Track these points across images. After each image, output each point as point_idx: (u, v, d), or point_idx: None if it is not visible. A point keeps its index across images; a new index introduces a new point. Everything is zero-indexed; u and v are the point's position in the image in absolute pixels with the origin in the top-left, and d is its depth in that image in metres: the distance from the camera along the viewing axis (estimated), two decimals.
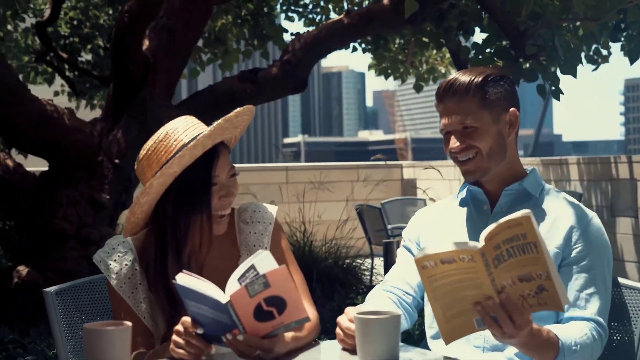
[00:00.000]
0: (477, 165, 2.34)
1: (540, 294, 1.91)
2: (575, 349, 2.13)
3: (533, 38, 5.23)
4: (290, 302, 1.93)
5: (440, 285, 1.92)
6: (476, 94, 2.31)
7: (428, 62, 9.11)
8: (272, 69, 6.54)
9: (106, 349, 1.89)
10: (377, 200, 9.83)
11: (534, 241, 1.87)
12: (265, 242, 2.37)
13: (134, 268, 2.30)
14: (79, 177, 5.99)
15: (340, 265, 7.10)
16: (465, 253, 1.88)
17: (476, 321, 1.96)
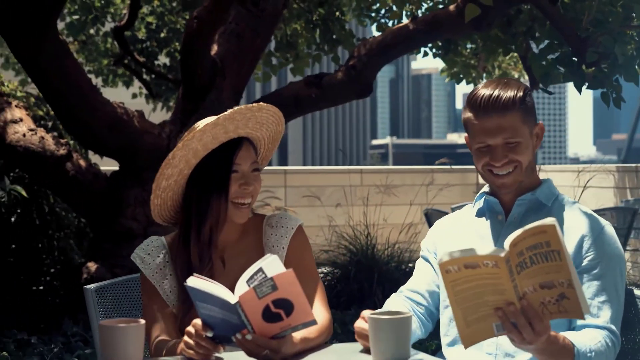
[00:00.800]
0: (514, 179, 2.38)
1: (561, 301, 1.94)
2: (590, 356, 2.15)
3: (594, 45, 5.18)
4: (297, 305, 2.01)
5: (462, 290, 1.95)
6: (520, 109, 2.34)
7: (501, 67, 9.04)
8: (338, 74, 6.62)
9: (120, 345, 2.00)
10: (449, 204, 9.80)
11: (558, 249, 1.90)
12: (283, 243, 2.49)
13: (165, 260, 2.49)
14: (148, 177, 6.17)
15: (403, 269, 7.13)
16: (489, 259, 1.91)
17: (496, 326, 1.99)
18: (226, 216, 2.43)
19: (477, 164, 2.43)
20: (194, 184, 2.42)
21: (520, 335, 1.97)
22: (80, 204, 6.30)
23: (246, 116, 2.41)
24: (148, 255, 2.50)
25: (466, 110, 2.42)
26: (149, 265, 2.48)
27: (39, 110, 7.00)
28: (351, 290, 6.78)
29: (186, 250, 2.44)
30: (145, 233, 6.12)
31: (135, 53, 8.33)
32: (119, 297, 2.83)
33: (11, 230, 6.55)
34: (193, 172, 2.42)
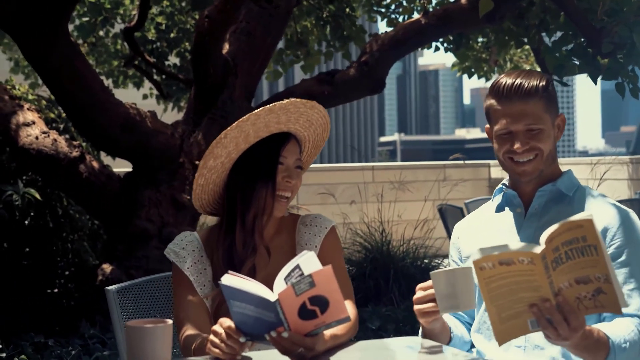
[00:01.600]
0: (535, 167, 2.36)
1: (597, 296, 1.91)
2: (625, 346, 2.13)
3: (610, 36, 5.14)
4: (332, 302, 2.00)
5: (496, 287, 1.93)
6: (542, 97, 2.34)
7: (512, 61, 9.00)
8: (350, 71, 6.59)
9: (148, 346, 1.97)
10: (462, 199, 9.76)
11: (595, 244, 1.87)
12: (316, 242, 2.51)
13: (200, 255, 2.50)
14: (161, 178, 6.16)
15: (418, 265, 7.10)
16: (525, 255, 1.88)
17: (530, 322, 1.97)
18: (272, 206, 2.46)
19: (499, 151, 2.41)
20: (240, 171, 2.45)
21: (555, 331, 1.95)
22: (93, 205, 6.28)
23: (299, 110, 2.44)
24: (182, 249, 2.51)
25: (489, 98, 2.43)
26: (184, 258, 2.49)
27: (50, 113, 6.98)
28: (367, 287, 6.75)
29: (229, 238, 2.46)
30: (159, 234, 6.11)
31: (146, 54, 8.31)
32: (140, 298, 2.80)
33: (25, 233, 6.55)
34: (239, 160, 2.45)
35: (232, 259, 2.42)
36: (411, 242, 7.31)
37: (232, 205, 2.47)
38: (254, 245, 2.45)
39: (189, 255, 2.49)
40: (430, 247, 7.47)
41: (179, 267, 2.48)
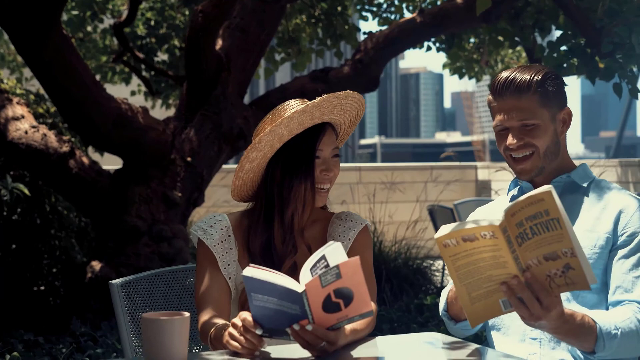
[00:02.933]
0: (533, 164, 2.35)
1: (567, 272, 1.87)
2: (616, 332, 2.08)
3: (609, 36, 5.11)
4: (357, 295, 1.94)
5: (463, 265, 1.90)
6: (537, 92, 2.31)
7: (504, 61, 8.98)
8: (344, 68, 6.54)
9: (165, 338, 1.91)
10: (450, 200, 9.75)
11: (557, 217, 1.83)
12: (350, 236, 2.48)
13: (227, 234, 2.46)
14: (152, 174, 6.08)
15: (410, 266, 7.06)
16: (486, 229, 1.86)
17: (502, 302, 1.94)
18: (313, 199, 2.43)
19: (499, 148, 2.41)
20: (276, 166, 2.43)
21: (528, 310, 1.90)
22: (83, 202, 6.19)
23: (332, 103, 2.40)
24: (210, 227, 2.46)
25: (489, 94, 2.43)
26: (212, 236, 2.44)
27: (39, 108, 6.88)
28: None
29: (267, 232, 2.43)
30: (150, 231, 6.02)
31: (135, 49, 8.22)
32: (145, 293, 2.74)
33: (12, 229, 6.45)
34: (276, 154, 2.42)
35: (271, 255, 2.39)
36: (403, 242, 7.27)
37: (270, 200, 2.44)
38: (294, 242, 2.42)
39: (216, 233, 2.45)
40: (422, 247, 7.43)
41: (206, 244, 2.44)
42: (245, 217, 2.51)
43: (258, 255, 2.41)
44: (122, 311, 2.69)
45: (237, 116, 6.31)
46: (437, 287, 7.10)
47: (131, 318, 2.69)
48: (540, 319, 1.92)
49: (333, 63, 52.56)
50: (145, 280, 2.76)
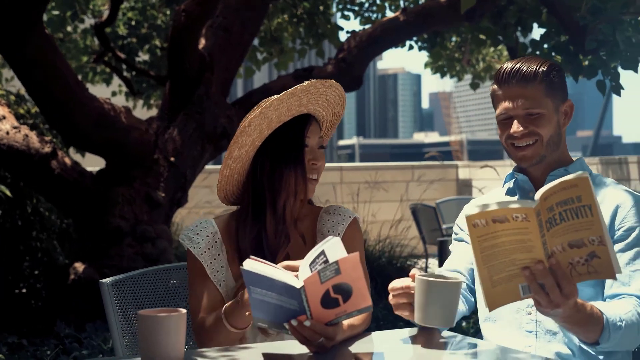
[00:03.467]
0: (535, 152, 2.35)
1: (590, 261, 1.86)
2: (621, 324, 2.09)
3: (593, 33, 5.13)
4: (355, 290, 1.93)
5: (489, 246, 1.86)
6: (542, 81, 2.33)
7: (485, 60, 9.01)
8: (328, 67, 6.53)
9: (161, 335, 1.88)
10: (432, 199, 9.76)
11: (589, 204, 1.82)
12: (339, 230, 2.45)
13: (214, 240, 2.43)
14: (135, 175, 6.04)
15: (394, 264, 7.06)
16: (519, 212, 1.82)
17: (522, 288, 1.91)
18: (305, 188, 2.41)
19: (501, 137, 2.42)
20: (265, 157, 2.40)
21: (547, 297, 1.89)
22: (65, 203, 6.14)
23: (319, 91, 2.40)
24: (197, 235, 2.43)
25: (492, 84, 2.45)
26: (198, 244, 2.42)
27: (19, 109, 6.82)
28: None
29: (256, 227, 2.39)
30: (133, 232, 5.98)
31: (116, 49, 8.16)
32: (135, 291, 2.71)
33: None
34: (263, 145, 2.40)
35: (263, 249, 2.36)
36: (387, 241, 7.27)
37: (260, 193, 2.41)
38: (286, 233, 2.39)
39: (203, 241, 2.42)
40: (406, 246, 7.44)
41: (193, 252, 2.42)
42: (233, 219, 2.48)
43: (249, 251, 2.35)
44: (113, 310, 2.65)
45: (220, 116, 6.28)
46: None
47: (122, 317, 2.67)
48: (558, 306, 1.91)
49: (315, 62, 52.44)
50: (135, 279, 2.72)
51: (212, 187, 9.24)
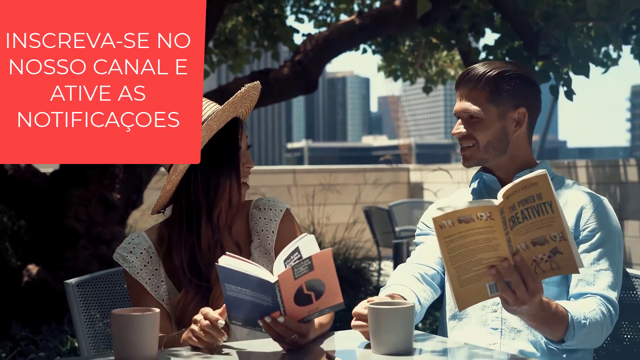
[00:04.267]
0: (472, 154, 2.42)
1: (553, 257, 1.91)
2: (585, 322, 2.14)
3: (546, 39, 5.24)
4: (328, 287, 1.96)
5: (456, 247, 1.92)
6: (486, 87, 2.36)
7: (437, 64, 9.11)
8: (284, 70, 6.56)
9: (135, 334, 1.90)
10: (385, 202, 9.84)
11: (550, 200, 1.88)
12: (273, 227, 2.42)
13: (149, 255, 2.39)
14: (90, 176, 6.00)
15: (349, 267, 7.11)
16: (483, 210, 1.88)
17: (489, 287, 1.96)
18: (239, 194, 2.38)
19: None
20: (198, 168, 2.35)
21: (514, 295, 1.95)
22: (19, 204, 6.08)
23: (250, 94, 2.41)
24: (130, 253, 2.38)
25: None
26: (133, 263, 2.37)
27: None
28: None
29: (191, 238, 2.35)
30: (88, 234, 5.95)
31: None
32: (100, 291, 2.70)
33: None
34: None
35: (197, 264, 2.31)
36: (342, 243, 7.32)
37: (194, 203, 2.36)
38: (221, 243, 2.35)
39: (137, 259, 2.37)
40: (361, 248, 7.50)
41: (129, 273, 2.37)
42: (165, 227, 2.44)
43: (185, 266, 2.33)
44: (78, 311, 2.65)
45: None
46: (376, 286, 7.17)
47: (87, 318, 2.66)
48: (524, 303, 1.96)
49: (270, 64, 52.41)
50: (100, 280, 2.72)
51: None
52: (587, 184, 9.18)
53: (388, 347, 1.97)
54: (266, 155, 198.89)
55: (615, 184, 8.81)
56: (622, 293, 2.39)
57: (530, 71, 2.53)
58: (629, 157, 32.66)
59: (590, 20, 5.40)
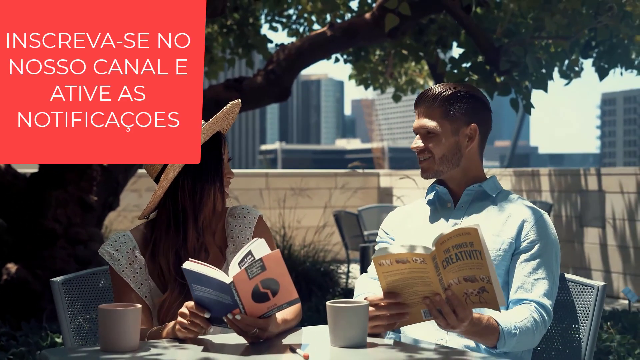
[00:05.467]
0: (429, 166, 2.68)
1: (481, 294, 2.23)
2: (515, 332, 2.41)
3: (507, 55, 5.51)
4: (282, 285, 2.21)
5: (394, 280, 2.25)
6: (441, 105, 2.64)
7: (407, 74, 9.37)
8: (257, 78, 6.78)
9: (119, 327, 2.13)
10: (354, 207, 10.09)
11: (479, 250, 2.18)
12: (247, 234, 2.66)
13: (134, 255, 2.58)
14: (69, 179, 6.20)
15: (318, 269, 7.35)
16: (418, 256, 2.20)
17: (424, 312, 2.29)
18: (222, 202, 2.61)
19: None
20: (187, 175, 2.56)
21: (445, 320, 2.26)
22: None
23: (233, 110, 2.62)
24: (116, 251, 2.58)
25: None
26: (119, 261, 2.56)
27: None
28: None
29: (177, 241, 2.56)
30: (66, 234, 6.15)
31: None
32: (85, 290, 2.91)
33: None
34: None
35: (181, 260, 2.48)
36: (311, 246, 7.56)
37: (180, 209, 2.56)
38: (205, 247, 2.58)
39: (123, 257, 2.56)
40: (330, 251, 7.74)
41: (115, 270, 2.56)
42: (149, 230, 2.62)
43: (170, 267, 2.53)
44: (63, 308, 2.85)
45: None
46: (344, 288, 7.42)
47: (71, 313, 2.87)
48: (454, 328, 2.27)
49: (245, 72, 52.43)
50: (85, 278, 2.92)
51: (140, 191, 9.40)
52: (550, 192, 9.49)
53: (344, 340, 2.23)
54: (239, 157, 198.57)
55: (576, 192, 9.13)
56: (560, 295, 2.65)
57: (481, 92, 2.79)
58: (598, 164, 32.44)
59: (550, 38, 5.69)
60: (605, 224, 8.73)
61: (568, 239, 9.11)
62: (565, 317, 2.66)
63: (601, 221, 8.78)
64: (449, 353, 2.29)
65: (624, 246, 8.56)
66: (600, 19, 5.39)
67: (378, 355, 2.20)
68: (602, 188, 8.79)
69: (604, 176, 8.80)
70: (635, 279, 8.39)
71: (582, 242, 8.99)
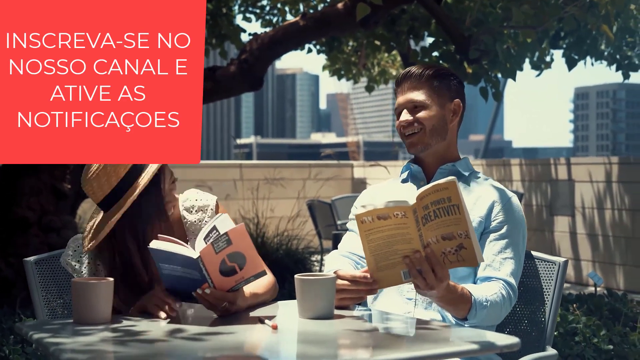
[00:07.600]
0: (419, 139, 2.74)
1: (459, 251, 2.26)
2: (486, 304, 2.48)
3: (476, 44, 5.59)
4: (249, 258, 2.27)
5: (375, 239, 2.29)
6: (428, 80, 2.74)
7: (380, 65, 9.45)
8: (230, 67, 6.82)
9: (91, 299, 2.19)
10: (328, 197, 10.16)
11: (457, 203, 2.22)
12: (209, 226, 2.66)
13: (96, 264, 2.59)
14: (42, 167, 6.22)
15: (292, 257, 7.42)
16: (399, 210, 2.25)
17: (403, 274, 2.33)
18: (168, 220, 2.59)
19: (397, 126, 2.81)
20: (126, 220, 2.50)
21: (424, 280, 2.29)
22: None
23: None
24: (78, 262, 2.58)
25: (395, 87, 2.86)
26: (82, 273, 2.57)
27: None
28: None
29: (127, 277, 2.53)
30: (39, 222, 6.17)
31: None
32: (57, 270, 2.95)
33: None
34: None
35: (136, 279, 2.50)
36: (284, 235, 7.62)
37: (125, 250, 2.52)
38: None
39: (85, 269, 2.57)
40: (302, 239, 7.80)
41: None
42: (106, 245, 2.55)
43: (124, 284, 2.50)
44: (36, 287, 2.90)
45: None
46: None
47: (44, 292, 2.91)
48: (433, 288, 2.30)
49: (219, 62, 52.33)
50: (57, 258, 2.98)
51: None
52: (521, 181, 9.60)
53: (312, 312, 2.30)
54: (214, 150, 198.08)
55: (546, 182, 9.25)
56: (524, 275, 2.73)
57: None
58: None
59: (518, 28, 5.78)
60: (574, 212, 8.87)
61: (538, 227, 9.23)
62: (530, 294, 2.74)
63: (571, 210, 8.91)
64: (415, 322, 2.36)
65: (593, 234, 8.70)
66: (567, 9, 5.48)
67: (345, 326, 2.26)
68: (572, 177, 8.92)
69: (574, 165, 8.93)
70: (603, 266, 8.53)
71: (552, 230, 9.12)
